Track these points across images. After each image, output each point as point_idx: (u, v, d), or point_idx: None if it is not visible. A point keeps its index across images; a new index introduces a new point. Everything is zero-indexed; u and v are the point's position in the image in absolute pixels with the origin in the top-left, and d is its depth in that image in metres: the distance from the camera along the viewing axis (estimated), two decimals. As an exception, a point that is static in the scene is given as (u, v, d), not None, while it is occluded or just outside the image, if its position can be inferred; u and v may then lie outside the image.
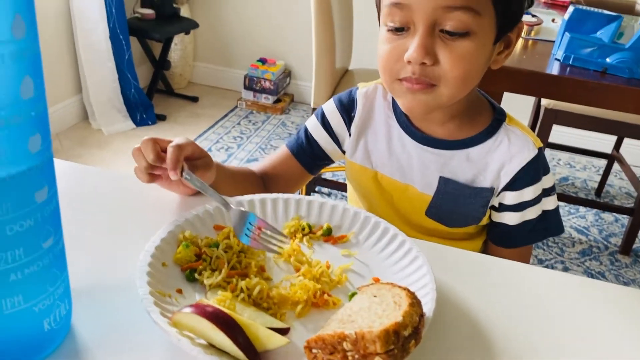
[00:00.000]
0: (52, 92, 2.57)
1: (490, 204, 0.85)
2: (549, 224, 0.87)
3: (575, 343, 0.59)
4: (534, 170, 0.83)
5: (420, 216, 0.88)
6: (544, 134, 2.06)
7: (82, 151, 2.56)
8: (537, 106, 2.47)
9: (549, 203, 0.86)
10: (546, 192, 0.85)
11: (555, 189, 0.88)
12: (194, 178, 0.68)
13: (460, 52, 0.72)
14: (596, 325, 0.62)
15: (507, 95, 1.65)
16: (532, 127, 2.48)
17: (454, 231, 0.89)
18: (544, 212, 0.86)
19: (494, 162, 0.83)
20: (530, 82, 1.50)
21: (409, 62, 0.72)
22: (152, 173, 0.71)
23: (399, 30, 0.73)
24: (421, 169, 0.85)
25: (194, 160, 0.72)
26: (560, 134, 2.82)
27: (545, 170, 0.85)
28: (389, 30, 0.75)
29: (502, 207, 0.85)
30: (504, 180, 0.83)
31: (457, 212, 0.86)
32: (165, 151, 0.68)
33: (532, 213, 0.85)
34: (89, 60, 2.63)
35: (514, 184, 0.83)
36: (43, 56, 0.43)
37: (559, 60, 1.56)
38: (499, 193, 0.84)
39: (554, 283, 0.69)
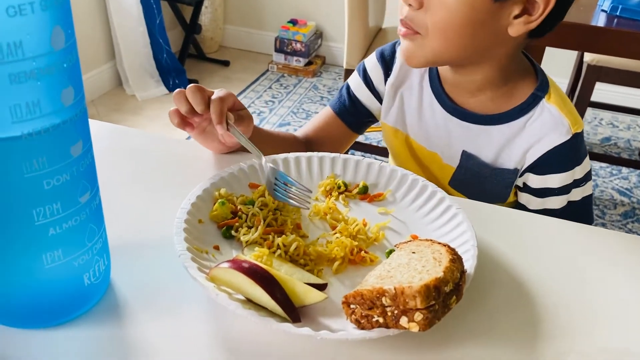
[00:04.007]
0: (86, 58, 2.59)
1: (515, 185, 0.80)
2: (575, 215, 0.77)
3: (618, 297, 0.58)
4: (562, 156, 0.75)
5: (447, 186, 0.85)
6: (586, 93, 1.98)
7: (118, 117, 2.59)
8: (580, 63, 2.37)
9: (577, 193, 0.78)
10: (576, 183, 0.77)
11: (590, 177, 0.79)
12: (236, 131, 0.68)
13: None
14: (638, 280, 0.60)
15: (549, 51, 1.58)
16: (574, 86, 2.38)
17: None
18: (570, 203, 0.78)
19: (522, 142, 0.76)
20: (574, 36, 1.43)
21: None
22: (186, 119, 0.70)
23: None
24: (446, 140, 0.82)
25: (238, 111, 0.71)
26: (602, 92, 2.71)
27: (579, 159, 0.76)
28: None
29: (525, 189, 0.80)
30: (528, 161, 0.77)
31: (479, 189, 0.82)
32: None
33: (555, 203, 0.78)
34: (121, 26, 2.63)
35: (537, 168, 0.76)
36: (76, 23, 0.42)
37: (605, 11, 1.48)
38: (522, 174, 0.78)
39: (593, 239, 0.66)
